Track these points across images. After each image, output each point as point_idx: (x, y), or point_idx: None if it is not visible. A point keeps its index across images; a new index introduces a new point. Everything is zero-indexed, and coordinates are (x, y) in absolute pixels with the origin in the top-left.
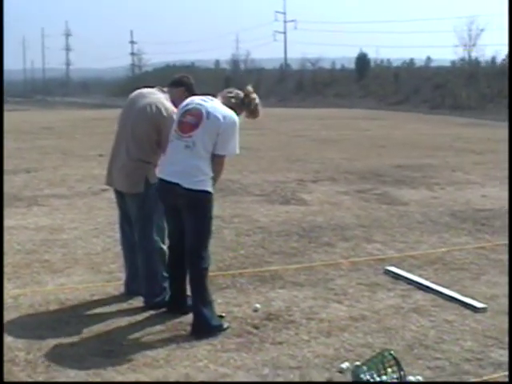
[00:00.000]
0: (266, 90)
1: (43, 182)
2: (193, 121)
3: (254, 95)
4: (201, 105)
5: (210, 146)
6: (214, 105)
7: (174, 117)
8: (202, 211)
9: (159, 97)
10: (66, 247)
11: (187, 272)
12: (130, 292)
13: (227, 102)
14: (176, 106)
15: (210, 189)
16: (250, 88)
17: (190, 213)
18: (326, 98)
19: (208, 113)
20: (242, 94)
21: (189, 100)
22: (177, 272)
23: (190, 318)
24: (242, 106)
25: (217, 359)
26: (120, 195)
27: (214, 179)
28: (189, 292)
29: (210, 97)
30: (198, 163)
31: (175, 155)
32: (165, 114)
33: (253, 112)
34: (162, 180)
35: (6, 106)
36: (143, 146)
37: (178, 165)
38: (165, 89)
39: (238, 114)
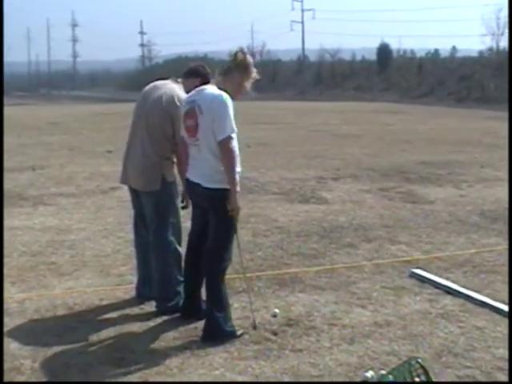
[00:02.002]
0: (283, 83)
1: (49, 180)
2: (192, 123)
3: (240, 52)
4: (193, 101)
5: (214, 139)
6: (205, 93)
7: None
8: (223, 210)
9: (173, 87)
10: (74, 249)
11: (203, 273)
12: (141, 296)
13: (222, 81)
14: None
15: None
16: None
17: (213, 211)
18: (345, 91)
19: (200, 108)
20: (230, 59)
21: (185, 98)
22: (193, 274)
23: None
24: (235, 70)
25: (234, 367)
26: (135, 193)
27: (227, 171)
28: (204, 296)
29: (203, 86)
30: (212, 163)
31: (194, 160)
32: (177, 103)
33: (245, 67)
34: (188, 180)
35: (9, 101)
36: (159, 141)
37: (197, 167)
38: (179, 79)
39: (232, 94)
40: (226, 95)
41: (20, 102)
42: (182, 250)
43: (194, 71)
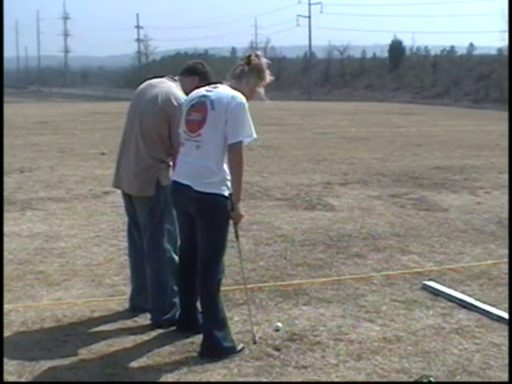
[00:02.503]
0: (288, 82)
1: (38, 183)
2: (199, 117)
3: (254, 55)
4: (205, 96)
5: (221, 140)
6: (219, 91)
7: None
8: (214, 218)
9: (169, 85)
10: (64, 257)
11: (197, 286)
12: (135, 307)
13: (235, 84)
14: None
15: (225, 192)
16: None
17: (201, 219)
18: (355, 91)
19: (212, 103)
20: (243, 61)
21: (193, 93)
22: (187, 286)
23: (201, 338)
24: (249, 74)
25: None
26: (128, 198)
27: (233, 177)
28: (200, 308)
29: (216, 84)
30: (210, 164)
31: (187, 157)
32: (175, 103)
33: (260, 71)
34: (174, 182)
35: None
36: (154, 143)
37: (190, 166)
38: (176, 77)
39: (248, 96)
40: (243, 97)
41: (8, 100)
42: None
43: (192, 69)
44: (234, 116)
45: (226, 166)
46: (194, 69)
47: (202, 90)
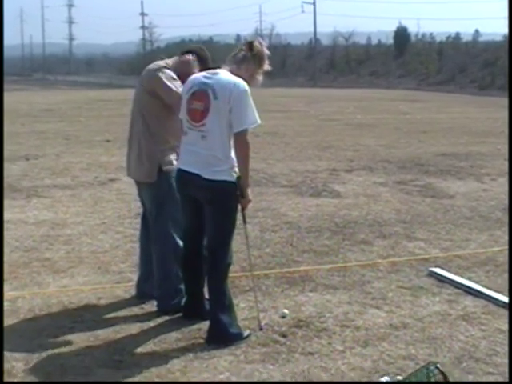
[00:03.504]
0: (294, 68)
1: (44, 170)
2: (201, 107)
3: (257, 41)
4: (205, 84)
5: (226, 128)
6: (220, 77)
7: (179, 88)
8: (224, 204)
9: (156, 63)
10: (70, 244)
11: (204, 272)
12: (142, 294)
13: (236, 69)
14: (183, 80)
15: (233, 179)
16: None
17: (211, 206)
18: (360, 78)
19: (214, 92)
20: (245, 47)
21: (192, 78)
22: (193, 272)
23: (208, 324)
24: (250, 60)
25: (239, 371)
26: (138, 185)
27: (241, 163)
28: (207, 295)
29: (215, 70)
30: (217, 153)
31: (193, 146)
32: (152, 69)
33: (261, 58)
34: (181, 170)
35: None
36: (152, 125)
37: (197, 155)
38: (169, 60)
39: (249, 81)
40: (246, 84)
41: (13, 88)
42: None
43: (188, 50)
44: (238, 104)
45: (233, 153)
46: (190, 50)
47: (200, 77)
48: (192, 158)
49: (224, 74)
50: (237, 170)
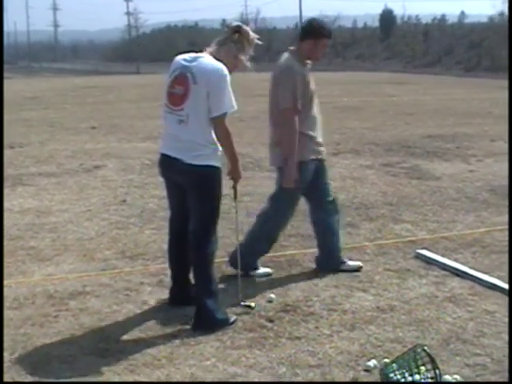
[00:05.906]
0: (279, 52)
1: (28, 158)
2: (181, 91)
3: (241, 24)
4: (185, 67)
5: (205, 113)
6: (201, 61)
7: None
8: (207, 189)
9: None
10: (55, 232)
11: (190, 258)
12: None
13: (216, 51)
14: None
15: (216, 163)
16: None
17: (194, 191)
18: (346, 61)
19: (194, 76)
20: (228, 29)
21: (175, 61)
22: (178, 258)
23: (194, 310)
24: (232, 41)
25: (226, 357)
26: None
27: (225, 147)
28: (193, 281)
29: (197, 54)
30: (196, 138)
31: (171, 130)
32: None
33: (245, 40)
34: (163, 155)
35: None
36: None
37: (177, 140)
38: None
39: (228, 68)
40: (225, 69)
41: None
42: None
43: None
44: (217, 89)
45: (215, 138)
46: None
47: (181, 59)
48: (172, 143)
49: (205, 59)
50: (220, 154)
